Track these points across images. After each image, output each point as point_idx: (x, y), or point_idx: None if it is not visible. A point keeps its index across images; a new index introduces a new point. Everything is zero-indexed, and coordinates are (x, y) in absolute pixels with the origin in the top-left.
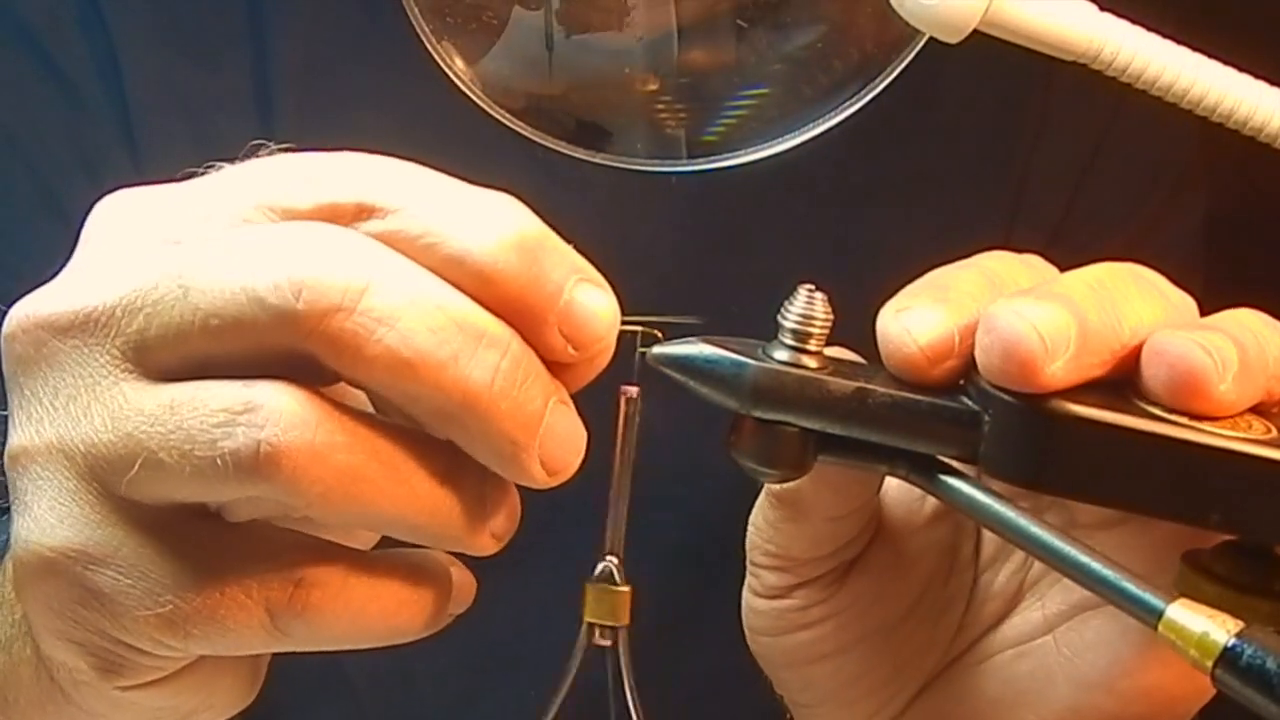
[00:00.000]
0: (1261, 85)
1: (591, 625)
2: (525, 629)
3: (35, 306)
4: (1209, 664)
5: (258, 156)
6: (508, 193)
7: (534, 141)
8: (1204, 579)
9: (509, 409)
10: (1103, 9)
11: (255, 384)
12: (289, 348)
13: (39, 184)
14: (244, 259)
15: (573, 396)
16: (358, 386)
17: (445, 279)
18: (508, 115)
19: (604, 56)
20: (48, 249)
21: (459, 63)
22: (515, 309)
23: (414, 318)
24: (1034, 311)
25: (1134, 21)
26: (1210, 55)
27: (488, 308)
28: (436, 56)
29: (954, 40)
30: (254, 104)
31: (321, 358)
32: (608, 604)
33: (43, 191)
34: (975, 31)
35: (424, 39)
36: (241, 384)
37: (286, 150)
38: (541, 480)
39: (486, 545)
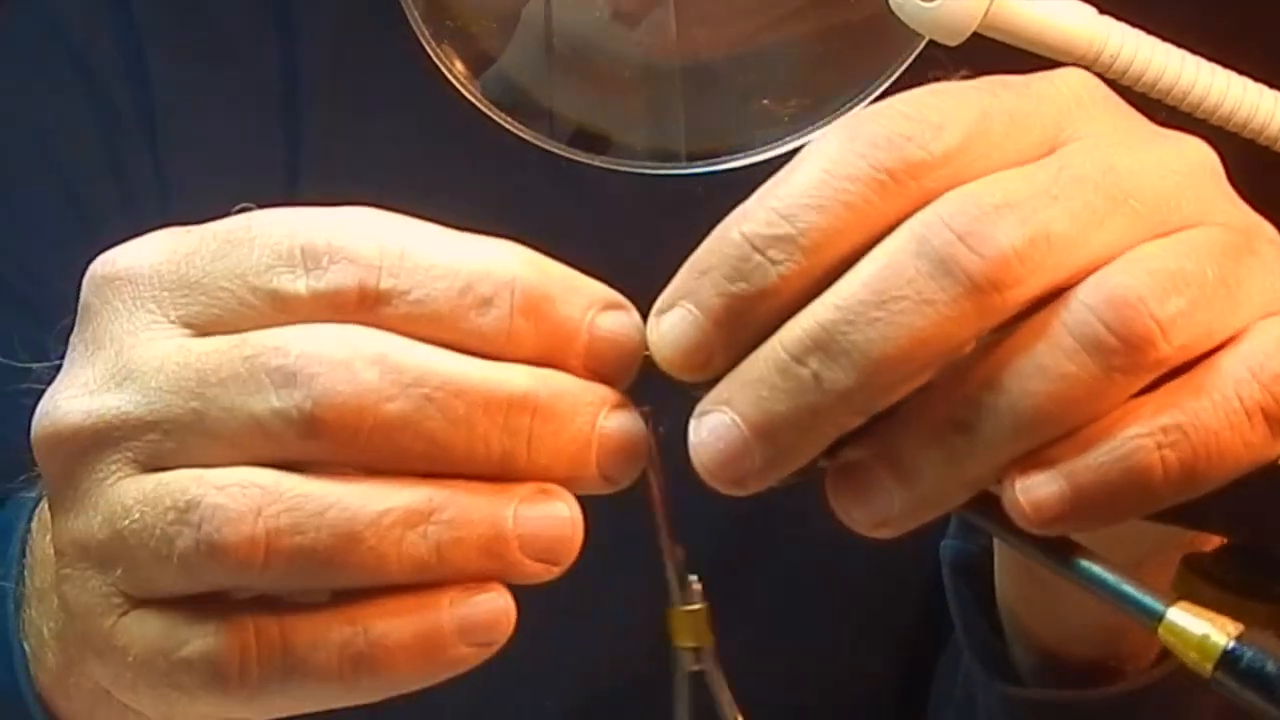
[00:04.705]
0: (1261, 88)
1: (690, 650)
2: (544, 641)
3: (57, 413)
4: (1209, 667)
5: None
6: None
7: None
8: (1203, 582)
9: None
10: (1103, 12)
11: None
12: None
13: (62, 184)
14: (252, 386)
15: None
16: None
17: (464, 351)
18: (507, 118)
19: (604, 60)
20: (68, 250)
21: (459, 66)
22: (540, 360)
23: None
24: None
25: (1134, 24)
26: (1210, 58)
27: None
28: (436, 60)
29: (953, 43)
30: (280, 108)
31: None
32: (691, 625)
33: (66, 192)
34: (975, 34)
35: (424, 43)
36: (194, 478)
37: (277, 206)
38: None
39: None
